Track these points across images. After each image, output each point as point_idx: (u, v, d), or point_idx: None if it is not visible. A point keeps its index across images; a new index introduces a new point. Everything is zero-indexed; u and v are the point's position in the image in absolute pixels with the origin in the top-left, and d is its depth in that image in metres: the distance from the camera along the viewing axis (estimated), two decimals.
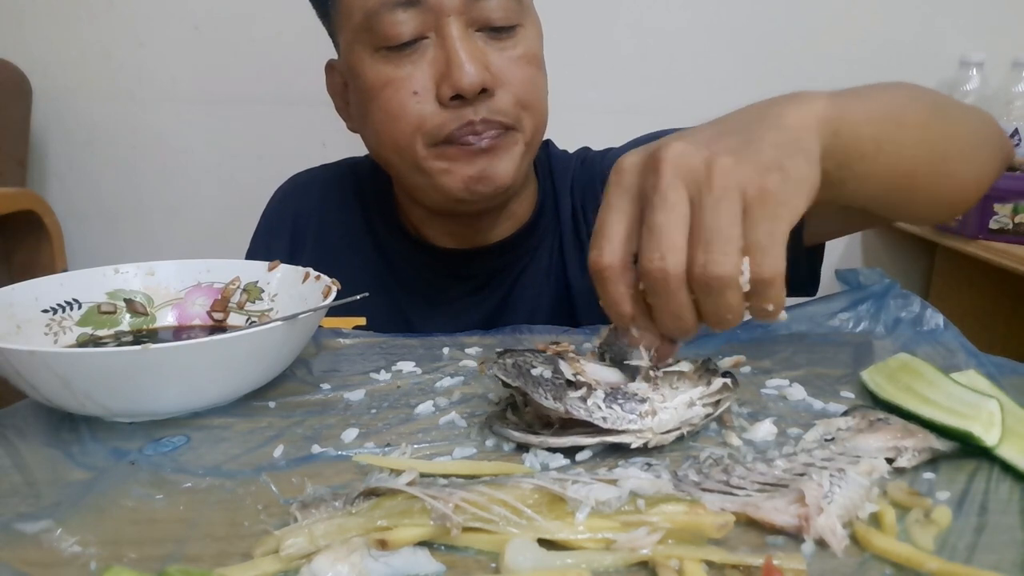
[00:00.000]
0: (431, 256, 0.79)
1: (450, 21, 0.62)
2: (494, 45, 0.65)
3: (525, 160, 0.69)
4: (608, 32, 1.56)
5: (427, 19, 0.63)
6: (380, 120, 0.66)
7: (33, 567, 0.33)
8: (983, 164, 0.61)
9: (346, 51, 0.68)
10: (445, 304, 0.79)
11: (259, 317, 0.61)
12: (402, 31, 0.63)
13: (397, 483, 0.36)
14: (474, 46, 0.63)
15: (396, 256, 0.80)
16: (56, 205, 1.49)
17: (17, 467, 0.43)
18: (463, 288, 0.79)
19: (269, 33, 1.57)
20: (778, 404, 0.50)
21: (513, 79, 0.65)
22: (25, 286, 0.56)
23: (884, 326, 0.62)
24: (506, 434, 0.43)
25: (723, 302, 0.40)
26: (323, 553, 0.31)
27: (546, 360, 0.45)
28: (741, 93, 0.45)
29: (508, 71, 0.64)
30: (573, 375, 0.43)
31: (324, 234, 0.83)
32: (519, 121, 0.66)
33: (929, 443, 0.41)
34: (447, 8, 0.62)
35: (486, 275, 0.78)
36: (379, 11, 0.62)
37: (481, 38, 0.64)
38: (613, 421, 0.41)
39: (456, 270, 0.79)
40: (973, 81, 1.37)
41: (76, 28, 1.61)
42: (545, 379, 0.43)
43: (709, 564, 0.32)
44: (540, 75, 0.68)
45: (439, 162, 0.65)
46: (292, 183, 0.89)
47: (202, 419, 0.49)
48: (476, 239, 0.77)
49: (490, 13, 0.63)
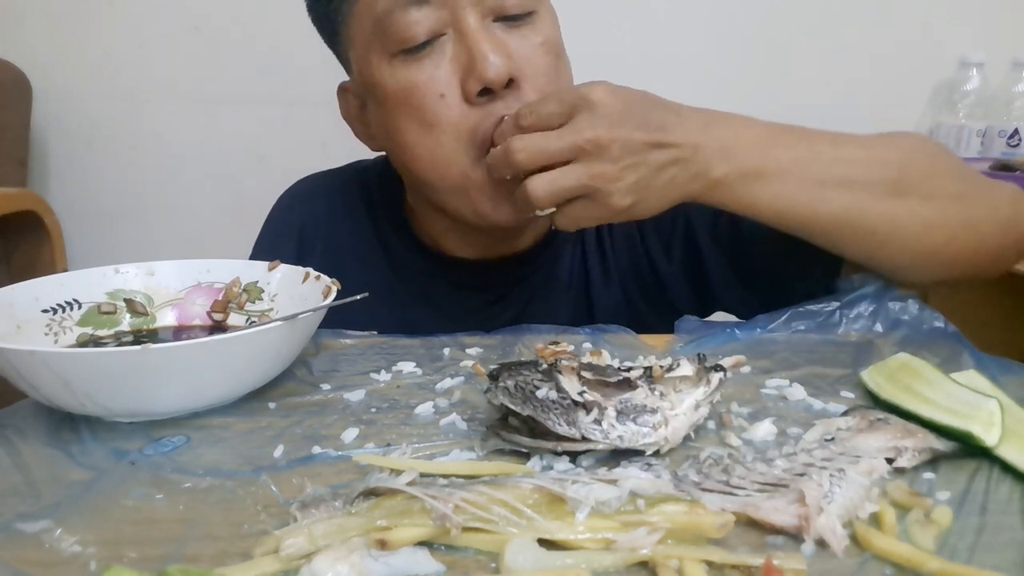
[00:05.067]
0: (446, 267, 0.75)
1: (466, 13, 0.59)
2: (513, 33, 0.61)
3: None
4: (608, 32, 1.56)
5: (442, 14, 0.60)
6: (414, 133, 0.62)
7: (33, 567, 0.33)
8: (984, 240, 0.61)
9: (361, 66, 0.65)
10: (460, 317, 0.74)
11: (259, 317, 0.61)
12: (418, 30, 0.60)
13: (397, 483, 0.36)
14: (494, 36, 0.60)
15: (408, 268, 0.77)
16: (56, 205, 1.49)
17: (17, 467, 0.43)
18: (479, 300, 0.76)
19: (269, 33, 1.57)
20: (778, 404, 0.49)
21: (537, 69, 0.62)
22: (25, 286, 0.56)
23: (884, 326, 0.62)
24: (517, 442, 0.42)
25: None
26: (323, 553, 0.31)
27: (545, 375, 0.43)
28: (741, 92, 0.46)
29: (531, 60, 0.62)
30: (579, 394, 0.42)
31: (333, 245, 0.79)
32: None
33: (929, 443, 0.41)
34: (462, 0, 0.60)
35: (504, 287, 0.75)
36: (391, 12, 0.60)
37: (499, 28, 0.61)
38: (629, 438, 0.41)
39: (473, 281, 0.76)
40: (973, 81, 1.37)
41: (76, 28, 1.62)
42: (552, 401, 0.41)
43: (709, 564, 0.32)
44: (563, 64, 0.66)
45: (496, 189, 0.61)
46: (298, 189, 0.85)
47: (202, 419, 0.49)
48: (501, 248, 0.74)
49: (504, 1, 0.60)
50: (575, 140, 0.54)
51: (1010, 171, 1.24)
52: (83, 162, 1.69)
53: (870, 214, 0.58)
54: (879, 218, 0.58)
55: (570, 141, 0.54)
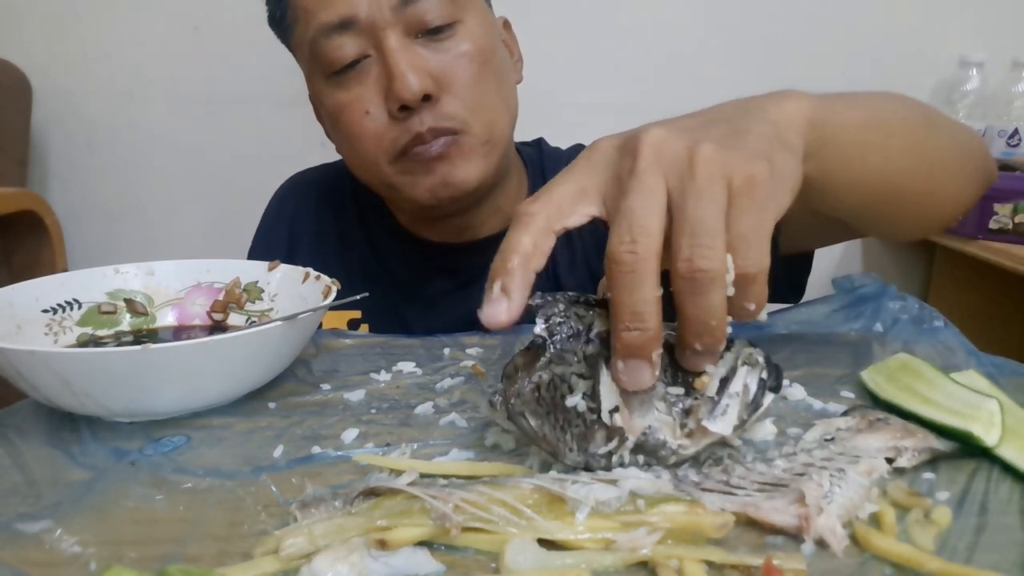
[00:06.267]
0: (422, 252, 0.80)
1: (386, 35, 0.63)
2: (435, 47, 0.65)
3: (490, 159, 0.69)
4: (608, 32, 1.55)
5: (364, 38, 0.64)
6: (346, 143, 0.70)
7: (33, 567, 0.33)
8: (967, 182, 0.61)
9: (309, 84, 0.73)
10: (437, 299, 0.80)
11: (259, 317, 0.61)
12: (344, 54, 0.65)
13: (397, 483, 0.36)
14: (413, 54, 0.64)
15: (389, 253, 0.82)
16: (56, 205, 1.49)
17: (17, 467, 0.43)
18: (452, 283, 0.80)
19: (269, 33, 1.56)
20: (778, 404, 0.49)
21: (457, 80, 0.65)
22: (25, 286, 0.56)
23: (883, 326, 0.62)
24: (521, 426, 0.39)
25: (707, 301, 0.35)
26: (323, 553, 0.31)
27: (592, 358, 0.37)
28: (740, 92, 0.45)
29: (452, 72, 0.65)
30: (610, 412, 0.36)
31: (320, 232, 0.85)
32: (468, 124, 0.66)
33: (929, 443, 0.41)
34: (380, 22, 0.63)
35: (476, 270, 0.77)
36: (319, 39, 0.65)
37: (421, 43, 0.65)
38: (631, 471, 0.37)
39: (445, 265, 0.80)
40: (973, 81, 1.37)
41: (76, 28, 1.61)
42: (577, 414, 0.36)
43: (709, 564, 0.32)
44: (488, 70, 0.67)
45: (403, 177, 0.68)
46: (292, 183, 0.91)
47: (202, 419, 0.49)
48: (464, 235, 0.78)
49: (423, 16, 0.64)
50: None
51: (1010, 171, 1.24)
52: (83, 162, 1.69)
53: (929, 153, 0.55)
54: (933, 155, 0.55)
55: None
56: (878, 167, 0.50)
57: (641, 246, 0.35)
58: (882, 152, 0.50)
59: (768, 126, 0.41)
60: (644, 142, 0.38)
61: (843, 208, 0.53)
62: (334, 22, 0.64)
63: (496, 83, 0.69)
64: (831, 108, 0.46)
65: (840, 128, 0.46)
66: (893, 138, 0.51)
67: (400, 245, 0.81)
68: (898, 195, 0.54)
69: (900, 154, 0.52)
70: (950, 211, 0.61)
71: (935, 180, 0.56)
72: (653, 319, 0.35)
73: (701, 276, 0.35)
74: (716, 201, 0.36)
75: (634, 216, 0.35)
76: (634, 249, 0.35)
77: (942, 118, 0.60)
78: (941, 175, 0.57)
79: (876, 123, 0.51)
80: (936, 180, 0.56)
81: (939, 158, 0.56)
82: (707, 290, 0.35)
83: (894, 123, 0.52)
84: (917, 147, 0.53)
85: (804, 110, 0.43)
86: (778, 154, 0.39)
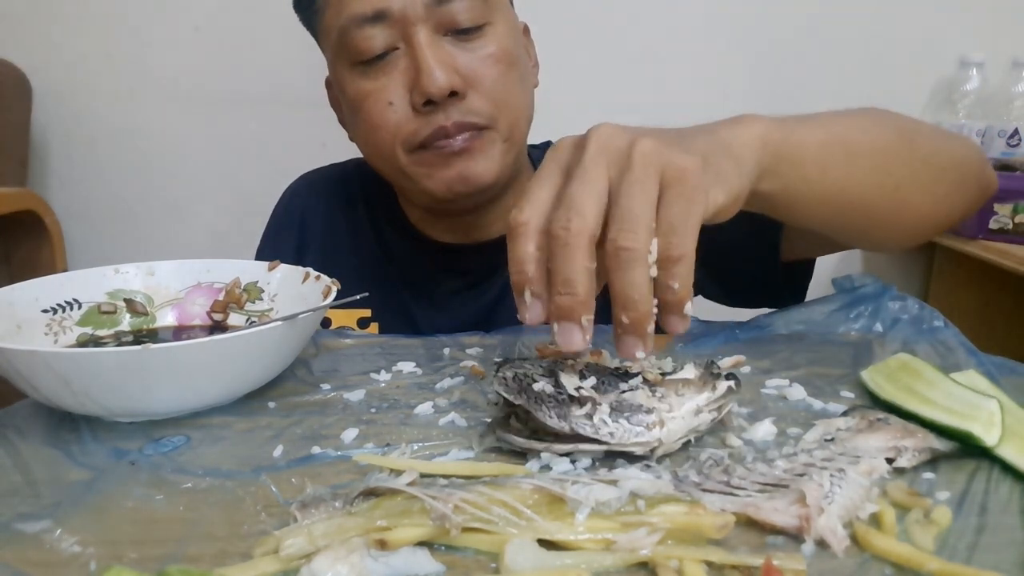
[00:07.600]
0: (431, 251, 0.80)
1: (417, 30, 0.64)
2: (463, 46, 0.66)
3: (507, 157, 0.70)
4: (608, 32, 1.56)
5: (395, 31, 0.65)
6: (364, 131, 0.70)
7: (33, 567, 0.33)
8: (951, 195, 0.62)
9: (331, 69, 0.72)
10: (445, 298, 0.80)
11: (259, 317, 0.61)
12: (373, 45, 0.65)
13: (397, 483, 0.36)
14: (442, 51, 0.65)
15: (398, 252, 0.82)
16: (56, 205, 1.49)
17: (17, 467, 0.43)
18: (461, 283, 0.80)
19: (269, 33, 1.57)
20: (778, 404, 0.49)
21: (484, 79, 0.66)
22: (25, 286, 0.56)
23: (884, 326, 0.62)
24: (510, 441, 0.42)
25: (630, 276, 0.39)
26: (323, 553, 0.31)
27: (546, 371, 0.44)
28: (740, 92, 0.46)
29: (479, 72, 0.66)
30: (576, 389, 0.42)
31: (330, 231, 0.85)
32: (493, 120, 0.67)
33: (929, 443, 0.41)
34: (412, 17, 0.64)
35: (484, 270, 0.79)
36: (350, 28, 0.65)
37: (450, 41, 0.66)
38: (620, 436, 0.40)
39: (454, 265, 0.80)
40: (973, 81, 1.37)
41: (76, 28, 1.61)
42: (547, 395, 0.42)
43: (709, 565, 0.32)
44: (513, 72, 0.69)
45: (419, 168, 0.68)
46: (300, 183, 0.91)
47: (202, 419, 0.49)
48: (473, 235, 0.78)
49: (455, 16, 0.65)
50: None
51: (1010, 171, 1.24)
52: (83, 162, 1.69)
53: (899, 169, 0.57)
54: (905, 171, 0.57)
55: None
56: (840, 183, 0.54)
57: (574, 223, 0.40)
58: (844, 169, 0.54)
59: (714, 141, 0.46)
60: (592, 138, 0.43)
61: (813, 221, 0.57)
62: (367, 13, 0.64)
63: (519, 85, 0.70)
64: (789, 129, 0.50)
65: (798, 146, 0.51)
66: (858, 156, 0.54)
67: (410, 245, 0.81)
68: (867, 210, 0.57)
69: (865, 172, 0.55)
70: (929, 224, 0.63)
71: (906, 195, 0.58)
72: (582, 287, 0.40)
73: (624, 254, 0.39)
74: (647, 191, 0.40)
75: (572, 200, 0.40)
76: (568, 226, 0.40)
77: (928, 134, 0.61)
78: (912, 191, 0.58)
79: (837, 141, 0.54)
80: (907, 195, 0.58)
81: (911, 174, 0.58)
82: (630, 267, 0.39)
83: (860, 142, 0.55)
84: (886, 164, 0.56)
85: (757, 130, 0.48)
86: (717, 158, 0.44)
